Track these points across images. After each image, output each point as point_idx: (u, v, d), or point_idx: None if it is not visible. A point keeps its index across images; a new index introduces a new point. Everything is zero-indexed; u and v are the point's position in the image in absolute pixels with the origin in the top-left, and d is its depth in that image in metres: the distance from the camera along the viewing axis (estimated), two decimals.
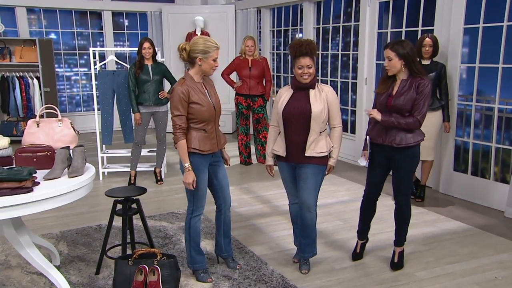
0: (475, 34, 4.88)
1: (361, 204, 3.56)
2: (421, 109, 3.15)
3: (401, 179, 3.30)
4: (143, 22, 9.44)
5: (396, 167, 3.29)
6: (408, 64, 3.15)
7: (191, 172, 3.04)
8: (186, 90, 3.01)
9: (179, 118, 3.02)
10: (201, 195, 3.17)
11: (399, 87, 3.22)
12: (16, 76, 7.94)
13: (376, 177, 3.39)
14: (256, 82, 6.18)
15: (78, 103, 9.51)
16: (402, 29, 5.76)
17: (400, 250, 3.49)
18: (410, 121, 3.15)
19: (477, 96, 4.99)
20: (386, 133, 3.24)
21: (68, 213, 4.62)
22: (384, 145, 3.25)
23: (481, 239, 4.00)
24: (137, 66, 5.32)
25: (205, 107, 3.06)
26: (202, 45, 3.01)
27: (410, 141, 3.19)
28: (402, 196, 3.35)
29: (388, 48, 3.18)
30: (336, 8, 7.01)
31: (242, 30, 8.57)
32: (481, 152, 5.28)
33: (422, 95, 3.14)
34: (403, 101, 3.16)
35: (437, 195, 5.18)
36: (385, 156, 3.30)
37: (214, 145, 3.16)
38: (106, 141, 5.89)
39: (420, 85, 3.15)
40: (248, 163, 6.53)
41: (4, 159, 3.00)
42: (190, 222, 3.22)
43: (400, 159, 3.24)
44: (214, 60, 3.05)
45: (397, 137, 3.19)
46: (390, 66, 3.18)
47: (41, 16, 8.83)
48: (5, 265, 3.52)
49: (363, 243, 3.64)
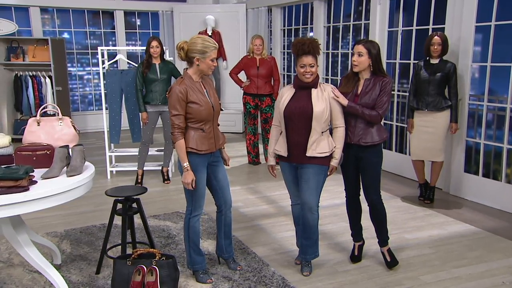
0: (487, 32, 4.77)
1: (346, 205, 3.57)
2: (383, 104, 3.24)
3: (370, 178, 3.34)
4: (155, 22, 9.48)
5: (364, 166, 3.34)
6: (375, 63, 3.24)
7: (190, 172, 3.02)
8: (184, 89, 2.99)
9: (178, 118, 3.00)
10: (200, 195, 3.14)
11: (363, 86, 3.30)
12: (29, 75, 8.04)
13: (350, 175, 3.43)
14: (264, 82, 6.13)
15: (91, 102, 9.59)
16: (412, 27, 5.66)
17: (387, 248, 3.49)
18: (373, 114, 3.23)
19: (489, 96, 4.87)
20: (352, 133, 3.29)
21: (73, 212, 4.64)
22: (351, 144, 3.30)
23: (490, 242, 3.90)
24: (145, 65, 5.32)
25: (203, 107, 3.03)
26: (200, 45, 2.98)
27: (376, 139, 3.27)
28: (373, 195, 3.37)
29: (361, 44, 3.24)
30: (347, 7, 6.93)
31: (253, 29, 8.54)
32: (493, 153, 5.15)
33: (384, 92, 3.23)
34: (369, 100, 3.25)
35: (447, 197, 5.07)
36: (354, 155, 3.34)
37: (212, 145, 3.13)
38: (114, 140, 5.91)
39: (383, 83, 3.25)
40: (256, 162, 6.49)
41: (5, 157, 3.01)
42: (189, 223, 3.19)
43: (367, 157, 3.30)
44: (212, 60, 3.02)
45: (364, 136, 3.27)
46: (358, 62, 3.25)
47: (55, 15, 8.93)
48: (8, 263, 3.54)
49: (360, 245, 3.59)
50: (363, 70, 3.28)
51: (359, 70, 3.27)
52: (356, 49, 3.24)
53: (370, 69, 3.27)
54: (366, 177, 3.35)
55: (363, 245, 3.61)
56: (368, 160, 3.30)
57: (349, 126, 3.30)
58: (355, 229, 3.56)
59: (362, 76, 3.31)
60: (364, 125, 3.26)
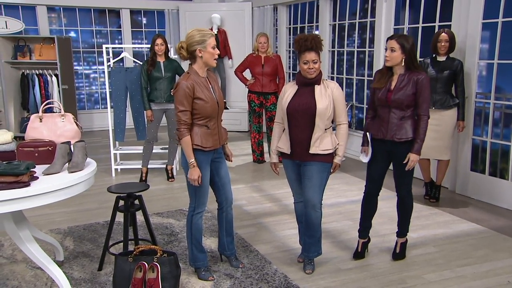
0: (494, 29, 4.71)
1: (362, 200, 3.54)
2: (422, 104, 3.21)
3: (402, 172, 3.32)
4: (161, 20, 9.49)
5: (397, 161, 3.31)
6: (408, 59, 3.18)
7: (196, 168, 3.00)
8: (191, 85, 2.96)
9: (184, 114, 2.97)
10: (203, 192, 3.13)
11: (397, 82, 3.24)
12: (35, 73, 8.07)
13: (376, 173, 3.41)
14: (268, 80, 6.11)
15: (97, 100, 9.62)
16: (419, 24, 5.61)
17: (403, 241, 3.52)
18: (423, 125, 3.20)
19: (496, 94, 4.81)
20: (386, 128, 3.26)
21: (77, 209, 4.64)
22: (385, 140, 3.27)
23: (496, 241, 3.85)
24: (149, 63, 5.32)
25: (209, 103, 3.01)
26: (197, 36, 2.95)
27: (410, 135, 3.24)
28: (405, 189, 3.39)
29: (394, 39, 3.19)
30: (353, 5, 6.89)
31: (258, 27, 8.52)
32: (500, 151, 5.08)
33: (422, 91, 3.19)
34: (403, 96, 3.20)
35: (453, 196, 5.02)
36: (386, 151, 3.32)
37: (216, 142, 3.11)
38: (118, 137, 5.91)
39: (419, 81, 3.19)
40: (261, 161, 6.47)
41: (7, 153, 3.01)
42: (192, 220, 3.18)
43: (401, 152, 3.27)
44: (213, 48, 2.98)
45: (398, 131, 3.23)
46: (391, 57, 3.19)
47: (61, 14, 8.96)
48: (11, 259, 3.55)
49: (364, 242, 3.57)
50: (396, 65, 3.23)
51: (391, 65, 3.23)
52: (389, 44, 3.19)
53: (404, 64, 3.21)
54: (399, 171, 3.34)
55: (367, 243, 3.59)
56: (402, 154, 3.26)
57: (382, 122, 3.28)
58: (364, 226, 3.55)
59: (396, 71, 3.26)
60: (398, 120, 3.24)
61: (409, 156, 3.23)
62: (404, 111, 3.23)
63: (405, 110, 3.23)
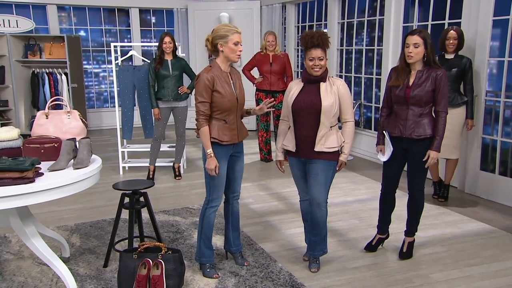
0: (505, 26, 4.64)
1: (379, 199, 3.54)
2: (441, 101, 3.18)
3: (417, 170, 3.30)
4: (170, 19, 9.52)
5: (413, 158, 3.29)
6: (429, 54, 3.14)
7: (213, 158, 3.02)
8: (211, 77, 2.99)
9: (203, 105, 3.00)
10: (219, 184, 3.13)
11: (416, 78, 3.20)
12: (45, 72, 8.13)
13: (393, 171, 3.39)
14: (277, 78, 6.09)
15: (106, 99, 9.67)
16: (428, 22, 5.55)
17: (411, 240, 3.50)
18: (442, 122, 3.17)
19: (506, 92, 4.74)
20: (404, 126, 3.23)
21: (85, 206, 4.67)
22: (402, 137, 3.25)
23: (505, 241, 3.79)
24: (157, 61, 5.33)
25: (227, 98, 3.02)
26: (222, 30, 2.99)
27: (428, 132, 3.20)
28: (417, 187, 3.36)
29: (416, 35, 3.13)
30: (361, 3, 6.84)
31: (267, 26, 8.50)
32: (510, 150, 5.02)
33: (441, 88, 3.15)
34: (422, 92, 3.16)
35: (462, 195, 4.96)
36: (402, 148, 3.30)
37: (234, 136, 3.11)
38: (126, 135, 5.94)
39: (438, 77, 3.15)
40: (268, 160, 6.45)
41: (14, 150, 3.03)
42: (205, 213, 3.18)
43: (418, 150, 3.25)
44: (235, 44, 2.99)
45: (416, 129, 3.20)
46: (415, 53, 3.13)
47: (71, 13, 9.03)
48: (18, 255, 3.57)
49: (381, 238, 3.58)
50: (417, 62, 3.19)
51: (414, 61, 3.17)
52: (411, 40, 3.14)
53: (423, 60, 3.18)
54: (413, 169, 3.32)
55: (384, 239, 3.60)
56: (418, 152, 3.24)
57: (400, 119, 3.26)
58: (383, 222, 3.56)
59: (414, 68, 3.22)
60: (416, 117, 3.21)
61: (428, 153, 3.20)
62: (422, 108, 3.20)
63: (423, 107, 3.19)
